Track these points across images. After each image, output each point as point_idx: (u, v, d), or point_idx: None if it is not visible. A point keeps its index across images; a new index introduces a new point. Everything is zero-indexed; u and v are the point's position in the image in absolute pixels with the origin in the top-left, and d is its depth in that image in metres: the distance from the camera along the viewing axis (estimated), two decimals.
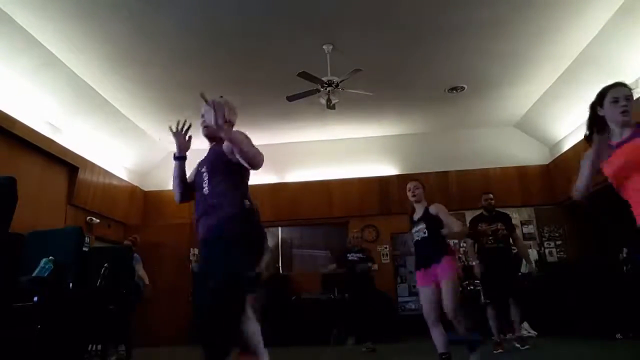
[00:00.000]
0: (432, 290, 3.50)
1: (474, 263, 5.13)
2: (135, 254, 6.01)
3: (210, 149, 2.50)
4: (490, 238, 4.96)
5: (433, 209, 3.63)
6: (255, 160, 2.19)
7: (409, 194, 3.76)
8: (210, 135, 2.46)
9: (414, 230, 3.70)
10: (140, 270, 5.94)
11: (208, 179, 2.32)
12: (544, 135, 8.20)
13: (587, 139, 2.15)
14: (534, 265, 5.18)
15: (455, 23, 5.35)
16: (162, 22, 5.13)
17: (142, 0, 4.75)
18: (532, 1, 5.00)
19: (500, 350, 4.66)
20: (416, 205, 3.76)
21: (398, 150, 8.74)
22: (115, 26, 5.15)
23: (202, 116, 2.44)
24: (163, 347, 6.97)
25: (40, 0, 4.66)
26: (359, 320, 6.14)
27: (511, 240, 5.07)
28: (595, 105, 2.17)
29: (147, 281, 5.95)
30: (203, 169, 2.37)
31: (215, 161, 2.36)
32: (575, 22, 5.37)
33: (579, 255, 7.54)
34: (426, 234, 3.58)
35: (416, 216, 3.73)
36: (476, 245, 5.10)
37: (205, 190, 2.30)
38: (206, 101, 2.27)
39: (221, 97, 2.49)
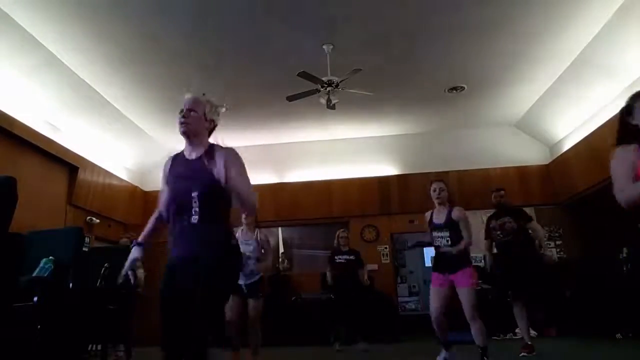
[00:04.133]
0: (444, 292, 3.61)
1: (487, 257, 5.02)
2: None
3: (191, 161, 2.13)
4: (499, 233, 4.84)
5: (455, 214, 3.65)
6: (251, 205, 2.11)
7: (434, 194, 3.74)
8: (190, 133, 2.13)
9: (435, 234, 3.73)
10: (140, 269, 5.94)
11: (199, 207, 2.00)
12: (544, 135, 8.20)
13: (618, 143, 2.05)
14: (547, 252, 4.97)
15: (455, 23, 5.35)
16: (162, 22, 5.13)
17: (142, 0, 4.76)
18: (532, 1, 5.00)
19: (524, 354, 4.37)
20: (438, 207, 3.76)
21: (398, 150, 8.74)
22: (116, 26, 5.15)
23: (181, 111, 2.15)
24: None
25: (40, 0, 4.66)
26: (348, 320, 6.08)
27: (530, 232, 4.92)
28: (626, 114, 2.05)
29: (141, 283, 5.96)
30: (194, 194, 2.00)
31: (206, 185, 2.00)
32: (575, 22, 5.37)
33: (579, 255, 7.55)
34: (449, 243, 3.63)
35: (438, 220, 3.73)
36: (493, 243, 5.00)
37: (194, 219, 2.00)
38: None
39: (203, 94, 2.25)
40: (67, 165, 6.74)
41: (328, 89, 5.65)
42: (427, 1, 4.98)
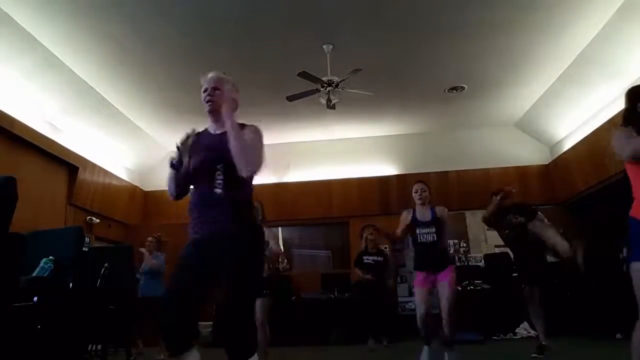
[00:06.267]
0: (429, 292, 3.64)
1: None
2: (159, 253, 5.99)
3: (217, 135, 2.17)
4: (507, 231, 4.79)
5: (440, 212, 3.68)
6: (252, 159, 1.98)
7: (416, 195, 3.80)
8: (216, 111, 2.17)
9: (421, 231, 3.75)
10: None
11: (223, 179, 2.02)
12: (544, 135, 8.20)
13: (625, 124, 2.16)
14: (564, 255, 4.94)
15: (455, 23, 5.35)
16: (161, 22, 5.13)
17: (142, 1, 4.75)
18: (532, 1, 5.00)
19: (535, 355, 4.31)
20: (420, 207, 3.81)
21: (398, 150, 8.74)
22: (115, 26, 5.15)
23: (205, 90, 2.20)
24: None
25: (40, 0, 4.66)
26: (375, 318, 6.14)
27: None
28: (636, 102, 2.16)
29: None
30: (219, 166, 2.03)
31: (231, 158, 2.00)
32: (575, 22, 5.36)
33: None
34: (435, 240, 3.67)
35: (423, 217, 3.77)
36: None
37: (218, 190, 2.01)
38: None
39: (224, 73, 2.36)
40: (67, 165, 6.74)
41: (328, 89, 5.65)
42: (428, 1, 4.98)
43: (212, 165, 2.05)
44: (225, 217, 2.00)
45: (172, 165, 2.13)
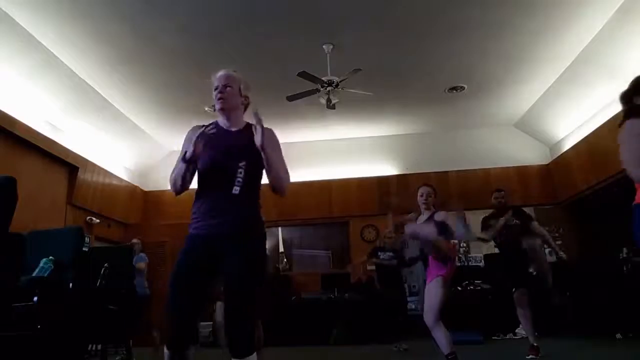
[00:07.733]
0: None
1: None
2: (143, 254, 6.09)
3: (234, 132, 2.09)
4: (504, 232, 4.73)
5: (440, 216, 3.66)
6: (284, 185, 2.02)
7: (421, 199, 3.76)
8: (228, 109, 2.10)
9: None
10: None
11: (243, 178, 1.96)
12: (544, 135, 8.20)
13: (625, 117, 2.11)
14: (561, 254, 5.05)
15: (455, 23, 5.36)
16: (161, 22, 5.13)
17: (142, 0, 4.76)
18: (532, 1, 5.00)
19: (532, 356, 4.27)
20: (423, 211, 3.80)
21: (398, 150, 8.74)
22: (115, 26, 5.15)
23: (216, 88, 2.13)
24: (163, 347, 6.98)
25: (40, 1, 4.66)
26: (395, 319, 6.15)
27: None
28: (631, 95, 2.13)
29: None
30: (242, 164, 1.96)
31: (253, 157, 1.96)
32: (575, 22, 5.37)
33: (579, 255, 7.54)
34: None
35: (420, 220, 3.76)
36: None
37: (236, 189, 1.94)
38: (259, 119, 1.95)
39: (235, 71, 2.24)
40: (67, 165, 6.74)
41: (328, 88, 5.65)
42: (427, 1, 4.99)
43: (233, 163, 1.97)
44: (239, 219, 1.94)
45: (185, 159, 1.96)
